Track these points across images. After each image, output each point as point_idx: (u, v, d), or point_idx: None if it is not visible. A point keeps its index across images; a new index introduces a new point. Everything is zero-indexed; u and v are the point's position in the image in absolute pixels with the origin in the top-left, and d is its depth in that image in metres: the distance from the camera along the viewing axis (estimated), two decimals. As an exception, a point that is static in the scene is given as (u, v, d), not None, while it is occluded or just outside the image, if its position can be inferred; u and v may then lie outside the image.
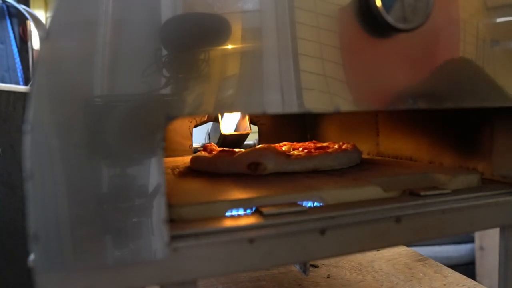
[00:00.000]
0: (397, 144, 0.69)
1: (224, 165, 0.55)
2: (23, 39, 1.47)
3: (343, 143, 0.64)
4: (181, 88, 0.31)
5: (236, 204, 0.38)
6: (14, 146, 0.96)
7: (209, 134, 0.99)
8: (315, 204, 0.41)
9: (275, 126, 0.96)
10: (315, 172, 0.53)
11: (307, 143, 0.70)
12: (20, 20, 1.45)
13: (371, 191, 0.43)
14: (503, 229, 0.45)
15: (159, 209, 0.30)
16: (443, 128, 0.58)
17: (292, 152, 0.59)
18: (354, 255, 0.80)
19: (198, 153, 0.62)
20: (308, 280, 0.69)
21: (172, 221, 0.34)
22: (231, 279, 0.70)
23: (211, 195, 0.41)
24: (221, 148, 0.64)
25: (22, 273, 0.95)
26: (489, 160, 0.51)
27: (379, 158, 0.71)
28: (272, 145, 0.60)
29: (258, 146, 0.59)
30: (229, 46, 0.33)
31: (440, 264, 0.75)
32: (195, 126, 0.87)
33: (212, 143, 0.72)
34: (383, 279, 0.69)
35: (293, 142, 0.72)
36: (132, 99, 0.30)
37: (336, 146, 0.62)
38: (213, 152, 0.60)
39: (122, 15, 0.30)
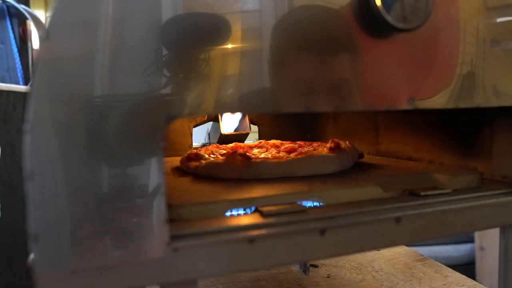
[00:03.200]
0: (397, 144, 0.68)
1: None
2: (23, 39, 1.47)
3: (332, 141, 0.59)
4: (181, 88, 0.31)
5: (236, 204, 0.38)
6: (14, 146, 0.96)
7: (209, 134, 0.99)
8: (315, 204, 0.41)
9: (275, 126, 0.96)
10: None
11: (296, 143, 0.68)
12: (20, 20, 1.45)
13: (371, 191, 0.43)
14: (503, 229, 0.45)
15: (159, 209, 0.30)
16: (443, 128, 0.58)
17: (269, 153, 0.57)
18: (354, 255, 0.80)
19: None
20: (308, 280, 0.69)
21: (172, 221, 0.34)
22: (231, 279, 0.70)
23: (211, 195, 0.41)
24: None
25: (22, 273, 0.95)
26: (489, 160, 0.51)
27: (379, 158, 0.71)
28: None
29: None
30: (229, 46, 0.33)
31: (440, 264, 0.75)
32: (195, 126, 0.87)
33: (213, 145, 0.72)
34: (383, 279, 0.69)
35: (294, 141, 0.72)
36: (132, 99, 0.30)
37: (323, 148, 0.58)
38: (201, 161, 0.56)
39: (122, 15, 0.30)
